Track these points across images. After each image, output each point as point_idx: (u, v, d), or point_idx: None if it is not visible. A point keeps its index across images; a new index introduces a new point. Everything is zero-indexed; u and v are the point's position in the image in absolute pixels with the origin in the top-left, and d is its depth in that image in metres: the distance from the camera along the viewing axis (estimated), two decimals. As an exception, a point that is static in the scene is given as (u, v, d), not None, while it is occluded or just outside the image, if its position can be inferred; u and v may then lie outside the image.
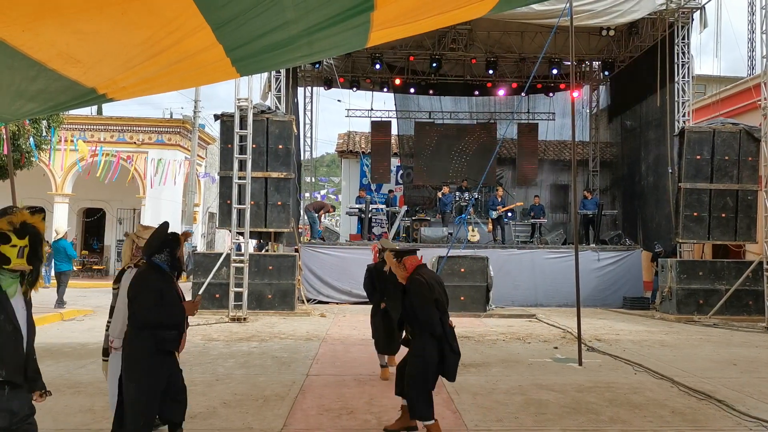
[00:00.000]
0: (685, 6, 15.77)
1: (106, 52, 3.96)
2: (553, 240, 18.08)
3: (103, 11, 3.34)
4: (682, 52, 16.01)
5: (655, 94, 16.91)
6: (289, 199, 14.02)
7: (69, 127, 21.49)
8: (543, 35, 17.90)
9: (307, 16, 3.70)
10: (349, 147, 25.80)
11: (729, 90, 18.74)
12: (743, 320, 13.08)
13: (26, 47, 3.62)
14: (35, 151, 14.63)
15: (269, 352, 8.72)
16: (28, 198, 21.67)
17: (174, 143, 24.24)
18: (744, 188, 14.10)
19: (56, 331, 10.53)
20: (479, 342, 9.90)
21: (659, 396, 6.28)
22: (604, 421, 5.38)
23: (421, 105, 23.86)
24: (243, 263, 12.88)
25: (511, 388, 6.57)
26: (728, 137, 14.12)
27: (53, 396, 5.92)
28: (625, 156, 20.48)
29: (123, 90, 4.71)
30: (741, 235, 14.18)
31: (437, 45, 19.58)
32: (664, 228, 16.67)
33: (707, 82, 25.99)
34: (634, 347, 9.48)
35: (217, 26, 3.66)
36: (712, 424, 5.31)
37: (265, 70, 11.98)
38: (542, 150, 24.10)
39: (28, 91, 4.55)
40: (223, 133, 14.10)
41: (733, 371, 7.72)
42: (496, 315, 13.87)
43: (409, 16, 4.14)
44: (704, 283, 13.75)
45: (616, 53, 19.74)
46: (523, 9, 14.07)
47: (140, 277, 4.03)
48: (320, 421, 5.24)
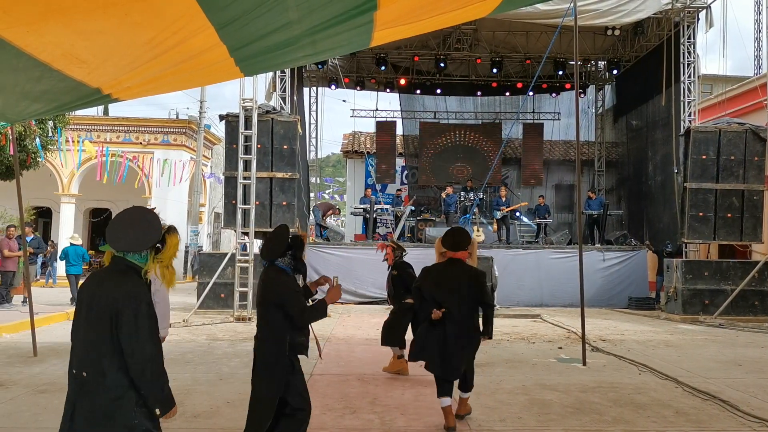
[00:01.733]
0: (690, 5, 15.72)
1: (111, 52, 3.98)
2: (559, 240, 18.05)
3: (107, 12, 3.36)
4: (688, 51, 15.96)
5: (661, 94, 16.86)
6: (294, 199, 14.03)
7: (75, 127, 21.59)
8: (548, 35, 17.87)
9: (310, 15, 3.71)
10: (354, 147, 25.82)
11: (735, 90, 18.67)
12: (749, 320, 13.03)
13: (31, 48, 3.65)
14: (41, 152, 14.70)
15: (274, 351, 8.73)
16: (35, 198, 21.80)
17: (179, 143, 24.32)
18: (750, 188, 14.04)
19: (62, 331, 10.58)
20: (483, 342, 9.88)
21: (663, 396, 6.26)
22: (607, 421, 5.37)
23: (426, 105, 23.87)
24: (248, 263, 12.90)
25: (514, 388, 6.57)
26: (734, 137, 14.07)
27: (58, 395, 5.97)
28: (631, 156, 20.43)
29: (128, 90, 4.74)
30: (747, 235, 14.12)
31: (442, 45, 19.58)
32: (670, 228, 16.62)
33: (713, 81, 25.87)
34: (638, 347, 9.45)
35: (221, 26, 3.68)
36: (716, 425, 5.29)
37: (269, 69, 12.00)
38: (547, 150, 24.06)
39: (33, 91, 4.58)
40: (228, 134, 14.13)
41: (738, 372, 7.69)
42: (500, 315, 13.84)
43: (412, 16, 4.15)
44: (710, 284, 13.70)
45: (621, 53, 19.70)
46: (527, 9, 14.05)
47: (279, 281, 3.86)
48: (323, 421, 5.24)
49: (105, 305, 2.71)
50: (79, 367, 2.73)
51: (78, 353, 2.76)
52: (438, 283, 5.05)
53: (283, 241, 3.88)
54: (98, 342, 2.71)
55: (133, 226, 2.79)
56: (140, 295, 2.75)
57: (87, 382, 2.71)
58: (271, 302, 3.83)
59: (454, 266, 5.06)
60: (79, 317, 2.81)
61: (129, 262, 2.80)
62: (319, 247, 16.51)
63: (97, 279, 2.85)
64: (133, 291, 2.75)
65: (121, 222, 2.81)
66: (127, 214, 2.84)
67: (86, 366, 2.72)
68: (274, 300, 3.82)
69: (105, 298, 2.72)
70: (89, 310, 2.75)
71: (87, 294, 2.80)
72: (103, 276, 2.84)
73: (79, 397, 2.72)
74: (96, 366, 2.70)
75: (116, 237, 2.79)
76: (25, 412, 5.35)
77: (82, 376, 2.71)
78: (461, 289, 4.95)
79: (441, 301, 4.96)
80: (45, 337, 9.35)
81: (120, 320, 2.68)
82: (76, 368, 2.74)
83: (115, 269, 2.80)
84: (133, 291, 2.75)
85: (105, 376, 2.69)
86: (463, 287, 4.96)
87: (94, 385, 2.70)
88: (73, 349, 2.79)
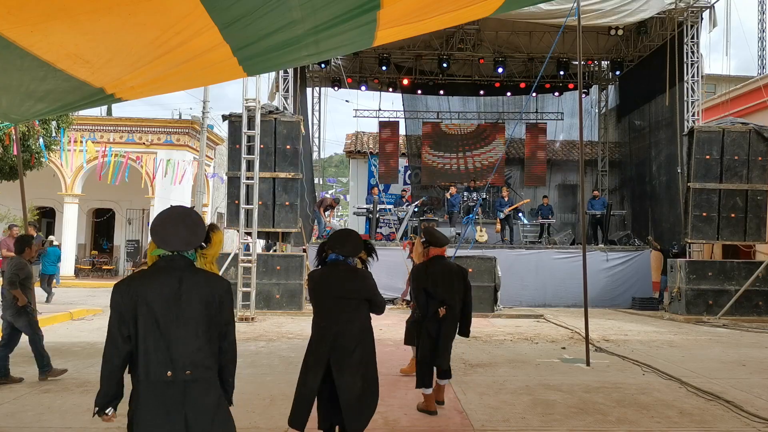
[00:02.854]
0: (694, 5, 15.68)
1: (115, 52, 3.98)
2: (562, 240, 18.02)
3: (111, 12, 3.36)
4: (692, 51, 15.93)
5: (664, 94, 16.82)
6: (297, 199, 14.04)
7: (78, 128, 21.62)
8: (551, 35, 17.85)
9: (314, 15, 3.71)
10: (357, 147, 25.82)
11: (739, 89, 18.62)
12: (753, 321, 12.98)
13: (35, 48, 3.66)
14: (45, 152, 14.72)
15: (276, 351, 8.74)
16: (38, 198, 21.82)
17: (183, 144, 24.34)
18: (754, 188, 14.00)
19: (65, 330, 10.60)
20: (487, 342, 9.89)
21: (667, 397, 6.24)
22: (611, 421, 5.36)
23: (429, 105, 23.86)
24: (251, 263, 12.90)
25: (518, 388, 6.56)
26: (738, 137, 14.03)
27: (62, 394, 5.98)
28: (634, 156, 20.39)
29: (131, 90, 4.74)
30: (750, 235, 14.08)
31: (445, 45, 19.57)
32: (673, 228, 16.58)
33: (717, 81, 25.84)
34: (642, 348, 9.43)
35: (225, 26, 3.68)
36: (721, 425, 5.28)
37: (272, 69, 12.02)
38: (551, 150, 24.04)
39: (37, 91, 4.59)
40: (231, 134, 14.15)
41: (742, 372, 7.67)
42: (503, 315, 13.84)
43: (415, 15, 4.14)
44: (713, 284, 13.66)
45: (624, 53, 19.66)
46: (530, 8, 14.04)
47: (368, 276, 4.08)
48: (327, 421, 5.24)
49: (203, 296, 2.71)
50: (181, 368, 2.64)
51: (173, 352, 2.64)
52: (435, 281, 5.45)
53: (359, 243, 4.08)
54: (201, 335, 2.69)
55: (184, 225, 2.77)
56: (230, 287, 2.85)
57: (194, 381, 2.65)
58: (364, 297, 4.00)
59: (442, 263, 5.58)
60: (159, 313, 2.67)
61: (188, 260, 2.79)
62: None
63: (164, 275, 2.74)
64: (228, 284, 2.86)
65: (171, 221, 2.78)
66: (174, 214, 2.81)
67: (189, 364, 2.65)
68: (366, 295, 4.00)
69: (202, 290, 2.72)
70: (180, 304, 2.68)
71: (162, 290, 2.70)
72: (166, 271, 2.75)
73: (187, 400, 2.63)
74: (203, 363, 2.68)
75: (168, 237, 2.75)
76: (29, 411, 5.35)
77: (185, 375, 2.63)
78: (454, 284, 5.50)
79: (443, 298, 5.42)
80: (48, 337, 9.28)
81: (223, 312, 2.75)
82: (175, 369, 2.63)
83: (177, 266, 2.76)
84: (228, 284, 2.86)
85: (212, 371, 2.71)
86: (455, 282, 5.51)
87: (204, 383, 2.67)
88: (154, 349, 2.64)
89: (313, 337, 3.99)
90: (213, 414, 2.67)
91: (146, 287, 2.69)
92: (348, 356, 3.83)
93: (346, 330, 3.88)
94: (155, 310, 2.65)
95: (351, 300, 3.94)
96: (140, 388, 2.63)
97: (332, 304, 3.91)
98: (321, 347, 3.88)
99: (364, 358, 3.90)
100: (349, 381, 3.77)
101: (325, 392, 3.86)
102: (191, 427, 2.61)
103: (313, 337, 3.98)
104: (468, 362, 7.93)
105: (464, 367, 7.66)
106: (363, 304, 3.98)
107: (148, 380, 2.62)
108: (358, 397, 3.78)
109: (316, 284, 3.99)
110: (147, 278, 2.74)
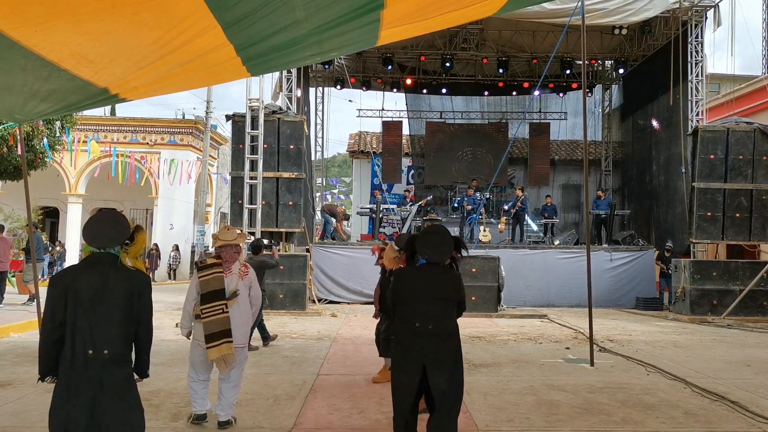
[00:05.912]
0: (698, 4, 15.65)
1: (118, 52, 3.98)
2: (566, 240, 17.99)
3: (115, 11, 3.36)
4: (696, 50, 15.89)
5: (668, 93, 16.79)
6: (300, 199, 14.05)
7: (82, 128, 21.68)
8: (555, 34, 17.83)
9: (317, 14, 3.70)
10: (360, 147, 25.82)
11: (743, 89, 18.58)
12: (758, 321, 12.95)
13: (39, 48, 3.66)
14: (49, 152, 14.75)
15: (280, 351, 8.74)
16: (42, 198, 21.90)
17: (186, 144, 24.39)
18: (758, 188, 13.96)
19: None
20: (490, 342, 9.87)
21: (672, 397, 6.22)
22: (615, 422, 5.34)
23: (432, 105, 23.85)
24: (254, 263, 12.90)
25: (522, 388, 6.54)
26: (742, 136, 13.99)
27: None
28: (638, 155, 20.35)
29: (135, 90, 4.74)
30: (755, 235, 14.04)
31: (448, 45, 19.56)
32: (677, 228, 16.54)
33: (721, 80, 25.74)
34: (646, 348, 9.40)
35: (228, 25, 3.67)
36: (726, 426, 5.25)
37: (276, 69, 12.01)
38: (554, 150, 24.02)
39: (41, 91, 4.59)
40: (234, 134, 14.17)
41: (746, 372, 7.64)
42: (507, 315, 13.82)
43: (418, 14, 4.13)
44: (718, 284, 13.63)
45: (628, 52, 19.63)
46: (534, 8, 14.02)
47: (460, 279, 4.17)
48: (330, 421, 5.23)
49: (124, 288, 3.18)
50: (99, 346, 3.08)
51: (94, 334, 3.09)
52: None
53: (452, 243, 4.07)
54: (118, 321, 3.15)
55: (110, 226, 3.24)
56: (150, 281, 3.38)
57: (110, 359, 3.09)
58: (458, 299, 4.08)
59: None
60: (85, 301, 3.11)
61: (113, 255, 3.24)
62: (325, 246, 16.51)
63: (91, 268, 3.20)
64: (147, 278, 3.39)
65: (99, 223, 3.24)
66: (102, 216, 3.28)
67: (107, 344, 3.10)
68: (459, 298, 4.08)
69: (122, 283, 3.18)
70: (103, 294, 3.13)
71: (88, 281, 3.14)
72: (93, 265, 3.20)
73: (104, 375, 3.08)
74: (119, 343, 3.14)
75: (97, 235, 3.21)
76: (33, 411, 5.36)
77: (104, 354, 3.08)
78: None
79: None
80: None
81: (141, 301, 3.24)
82: (95, 348, 3.07)
83: (103, 260, 3.22)
84: (147, 278, 3.39)
85: (125, 350, 3.17)
86: None
87: (119, 361, 3.13)
88: (79, 330, 3.08)
89: (402, 337, 4.01)
90: (121, 386, 3.13)
91: (76, 279, 3.16)
92: (444, 355, 3.89)
93: (441, 330, 3.92)
94: (82, 299, 3.11)
95: (448, 301, 4.02)
96: (65, 365, 3.08)
97: (429, 304, 3.95)
98: (414, 348, 3.90)
99: (458, 357, 3.97)
100: (444, 380, 3.84)
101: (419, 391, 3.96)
102: (94, 405, 3.04)
103: (403, 338, 4.00)
104: (471, 362, 7.91)
105: (468, 367, 7.61)
106: (456, 307, 4.08)
107: (74, 357, 3.06)
108: (451, 395, 3.86)
109: (410, 283, 4.06)
110: (77, 271, 3.23)
